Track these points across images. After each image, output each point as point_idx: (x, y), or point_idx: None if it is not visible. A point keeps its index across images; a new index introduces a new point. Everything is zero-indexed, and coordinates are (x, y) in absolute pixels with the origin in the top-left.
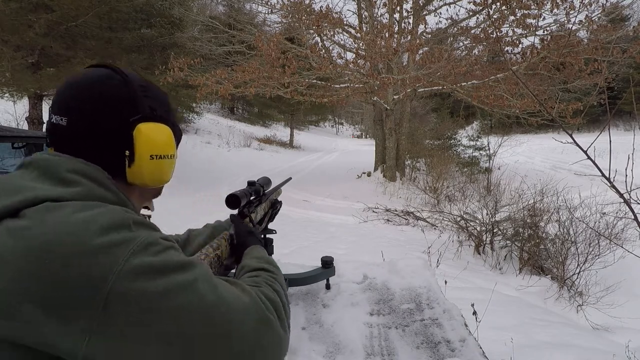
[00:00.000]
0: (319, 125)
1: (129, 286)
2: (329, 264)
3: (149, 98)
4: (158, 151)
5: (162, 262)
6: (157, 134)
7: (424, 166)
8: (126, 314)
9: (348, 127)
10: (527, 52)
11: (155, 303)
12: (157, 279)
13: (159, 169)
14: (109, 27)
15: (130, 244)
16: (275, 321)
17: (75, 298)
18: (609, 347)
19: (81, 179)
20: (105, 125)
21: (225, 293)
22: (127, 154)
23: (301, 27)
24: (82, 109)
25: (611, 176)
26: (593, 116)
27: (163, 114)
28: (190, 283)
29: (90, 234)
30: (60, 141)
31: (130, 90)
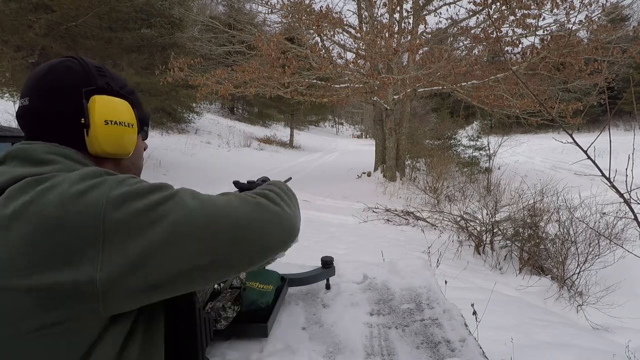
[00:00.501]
0: (319, 125)
1: (118, 213)
2: (329, 264)
3: (105, 77)
4: (112, 117)
5: (140, 187)
6: (112, 103)
7: (424, 166)
8: (124, 235)
9: (348, 127)
10: (527, 52)
11: (145, 216)
12: (140, 198)
13: (115, 135)
14: (109, 27)
15: (105, 183)
16: (265, 202)
17: (76, 238)
18: (609, 347)
19: (58, 158)
20: (62, 98)
21: (224, 203)
22: (82, 122)
23: (301, 27)
24: (40, 87)
25: (611, 176)
26: (593, 116)
27: (120, 90)
28: (172, 195)
29: (70, 183)
30: (26, 121)
31: (85, 68)
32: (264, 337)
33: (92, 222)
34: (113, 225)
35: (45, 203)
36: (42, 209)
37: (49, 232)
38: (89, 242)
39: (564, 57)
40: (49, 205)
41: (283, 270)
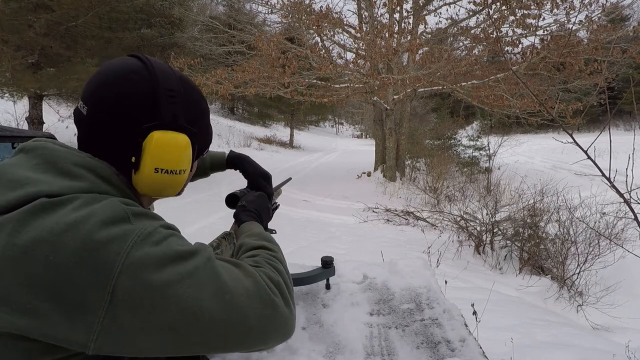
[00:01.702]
0: (319, 125)
1: (132, 280)
2: (329, 264)
3: (175, 104)
4: (165, 165)
5: (162, 253)
6: (170, 146)
7: (424, 166)
8: (130, 308)
9: (348, 127)
10: (527, 52)
11: (157, 295)
12: (157, 271)
13: (162, 184)
14: (109, 27)
15: (129, 236)
16: (279, 302)
17: (82, 294)
18: (609, 347)
19: (87, 173)
20: (119, 125)
21: (228, 279)
22: (133, 161)
23: (301, 27)
24: (101, 103)
25: (611, 176)
26: (593, 116)
27: (188, 123)
28: (190, 273)
29: (89, 229)
30: (80, 128)
31: (154, 91)
32: None
33: (102, 286)
34: (121, 295)
35: (60, 247)
36: (56, 254)
37: (57, 281)
38: (93, 307)
39: (564, 57)
40: (63, 252)
41: None
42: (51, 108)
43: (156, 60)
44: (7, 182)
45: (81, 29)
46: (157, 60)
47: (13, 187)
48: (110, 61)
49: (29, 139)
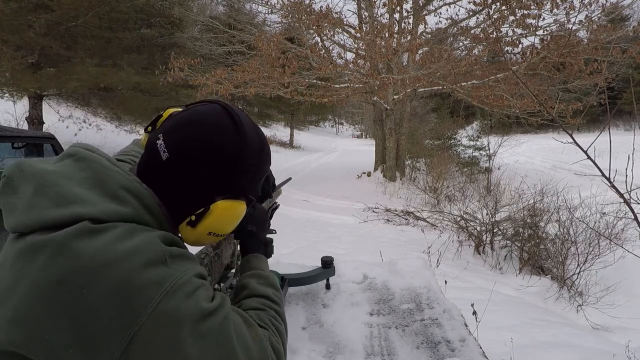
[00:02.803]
0: (319, 125)
1: (154, 330)
2: (329, 264)
3: (249, 177)
4: (219, 230)
5: (189, 311)
6: (230, 216)
7: (424, 166)
8: (144, 356)
9: (348, 127)
10: (527, 52)
11: (173, 349)
12: (180, 326)
13: (207, 242)
14: (109, 27)
15: (164, 284)
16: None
17: (104, 332)
18: (609, 347)
19: (132, 199)
20: (194, 184)
21: (238, 344)
22: (192, 219)
23: (301, 27)
24: (186, 159)
25: (611, 176)
26: (593, 116)
27: (252, 192)
28: (207, 334)
29: (128, 269)
30: (151, 165)
31: (238, 163)
32: None
33: (125, 328)
34: (140, 342)
35: (95, 282)
36: (90, 288)
37: (82, 315)
38: (110, 348)
39: (564, 57)
40: (98, 288)
41: (283, 271)
42: (51, 108)
43: (245, 119)
44: (54, 196)
45: (81, 29)
46: (245, 118)
47: (59, 203)
48: (201, 110)
49: (29, 139)
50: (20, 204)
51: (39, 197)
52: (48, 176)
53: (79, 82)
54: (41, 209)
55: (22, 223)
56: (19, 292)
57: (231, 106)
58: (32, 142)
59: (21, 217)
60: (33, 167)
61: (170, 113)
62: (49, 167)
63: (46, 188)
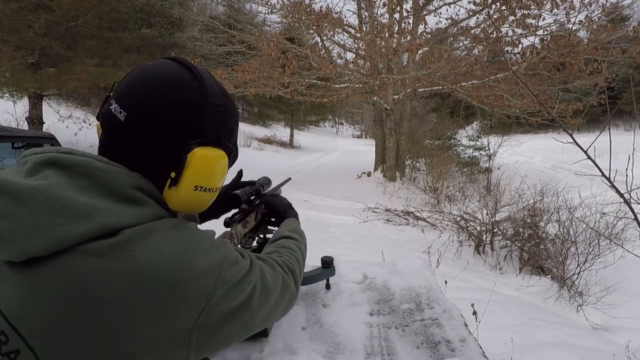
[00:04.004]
0: (319, 125)
1: (225, 294)
2: (329, 264)
3: (219, 120)
4: (205, 183)
5: (240, 271)
6: (212, 163)
7: (424, 166)
8: (222, 314)
9: (348, 127)
10: (527, 52)
11: (240, 300)
12: (240, 284)
13: (197, 201)
14: (109, 27)
15: (222, 262)
16: (292, 285)
17: (182, 320)
18: (609, 347)
19: (146, 197)
20: (162, 138)
21: (269, 281)
22: (173, 176)
23: (301, 27)
24: (145, 111)
25: (611, 176)
26: (593, 116)
27: (227, 138)
28: (253, 280)
29: (192, 258)
30: (113, 134)
31: (203, 105)
32: (264, 337)
33: (199, 309)
34: (218, 306)
35: (172, 285)
36: (158, 286)
37: (159, 313)
38: (188, 332)
39: (564, 57)
40: (177, 286)
41: None
42: (51, 108)
43: (202, 70)
44: (63, 209)
45: (81, 29)
46: (203, 70)
47: (78, 217)
48: (153, 65)
49: (29, 139)
50: (19, 227)
51: (46, 215)
52: (42, 191)
53: (79, 82)
54: (56, 226)
55: (34, 247)
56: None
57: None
58: (32, 142)
59: (28, 242)
60: (13, 184)
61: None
62: (29, 181)
63: (50, 204)
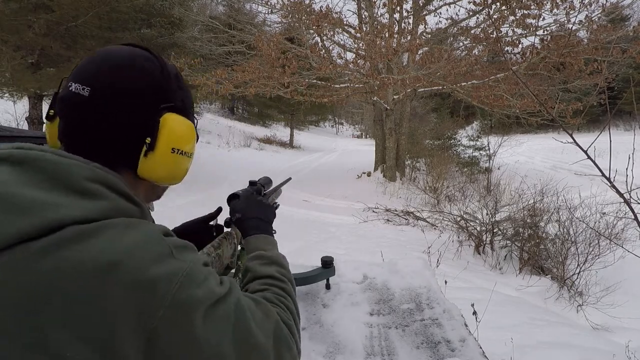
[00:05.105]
0: (319, 125)
1: (173, 324)
2: (329, 264)
3: (183, 90)
4: (181, 146)
5: (204, 297)
6: (184, 127)
7: (424, 166)
8: (167, 352)
9: (348, 127)
10: (527, 52)
11: (195, 339)
12: (198, 316)
13: (176, 165)
14: (109, 27)
15: (176, 276)
16: (293, 345)
17: (122, 336)
18: (609, 347)
19: (105, 190)
20: (132, 106)
21: (254, 323)
22: (148, 142)
23: (301, 27)
24: (112, 82)
25: (611, 176)
26: (593, 116)
27: (190, 111)
28: (226, 317)
29: (137, 268)
30: (74, 113)
31: (166, 77)
32: None
33: (143, 329)
34: (163, 333)
35: (108, 289)
36: (102, 298)
37: (97, 324)
38: (131, 351)
39: (564, 57)
40: (112, 292)
41: None
42: None
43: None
44: (10, 206)
45: (81, 29)
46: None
47: (22, 212)
48: (111, 47)
49: (29, 139)
50: None
51: None
52: None
53: None
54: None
55: None
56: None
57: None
58: (32, 142)
59: None
60: None
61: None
62: None
63: None
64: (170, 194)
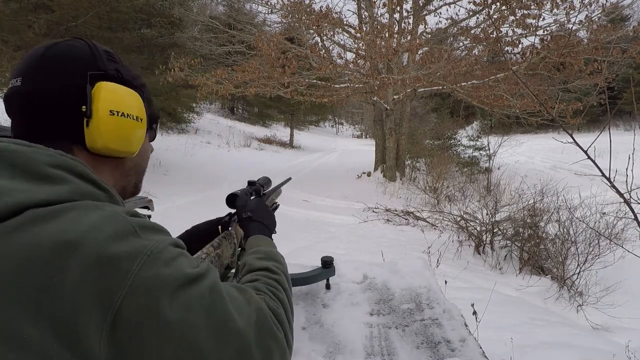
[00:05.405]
0: (319, 125)
1: (137, 303)
2: (329, 264)
3: (115, 62)
4: (119, 107)
5: (171, 276)
6: (121, 92)
7: (424, 166)
8: (131, 332)
9: (348, 127)
10: (527, 52)
11: (163, 322)
12: (165, 294)
13: (121, 129)
14: (109, 27)
15: (139, 255)
16: (280, 335)
17: (84, 318)
18: (609, 347)
19: (67, 175)
20: (62, 80)
21: (232, 307)
22: (84, 110)
23: (301, 27)
24: (38, 66)
25: (611, 176)
26: (593, 116)
27: (131, 80)
28: (197, 299)
29: (98, 246)
30: (15, 103)
31: (92, 50)
32: None
33: (105, 308)
34: (124, 318)
35: (63, 267)
36: (59, 274)
37: (57, 306)
38: (95, 332)
39: (564, 57)
40: (68, 272)
41: None
42: None
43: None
44: None
45: (81, 29)
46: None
47: None
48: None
49: None
50: None
51: None
52: None
53: None
54: None
55: None
56: None
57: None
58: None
59: None
60: None
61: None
62: None
63: None
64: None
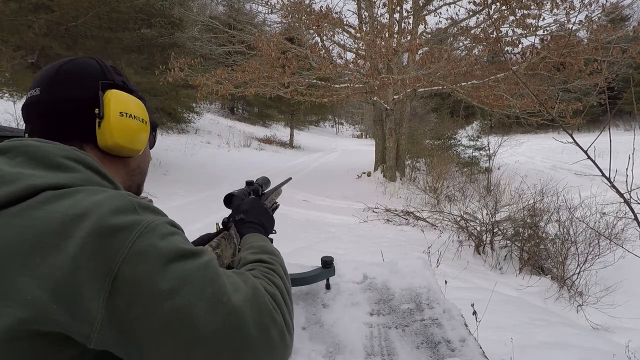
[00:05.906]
0: (319, 125)
1: (133, 270)
2: (329, 264)
3: (121, 76)
4: (128, 110)
5: (166, 248)
6: (128, 98)
7: (424, 166)
8: (128, 298)
9: (348, 127)
10: (527, 52)
11: (158, 291)
12: (159, 264)
13: (130, 127)
14: (109, 27)
15: (136, 227)
16: (277, 316)
17: (85, 283)
18: (609, 347)
19: (78, 165)
20: (77, 86)
21: (228, 283)
22: (97, 112)
23: (301, 27)
24: (54, 78)
25: (611, 176)
26: (593, 116)
27: (135, 91)
28: (191, 272)
29: (100, 217)
30: (33, 110)
31: (101, 65)
32: None
33: (104, 274)
34: (121, 285)
35: (70, 237)
36: (67, 242)
37: (61, 271)
38: (94, 297)
39: (564, 57)
40: (73, 241)
41: None
42: None
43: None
44: None
45: (81, 29)
46: None
47: (3, 183)
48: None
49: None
50: None
51: None
52: None
53: None
54: None
55: None
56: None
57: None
58: None
59: None
60: None
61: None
62: None
63: None
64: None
